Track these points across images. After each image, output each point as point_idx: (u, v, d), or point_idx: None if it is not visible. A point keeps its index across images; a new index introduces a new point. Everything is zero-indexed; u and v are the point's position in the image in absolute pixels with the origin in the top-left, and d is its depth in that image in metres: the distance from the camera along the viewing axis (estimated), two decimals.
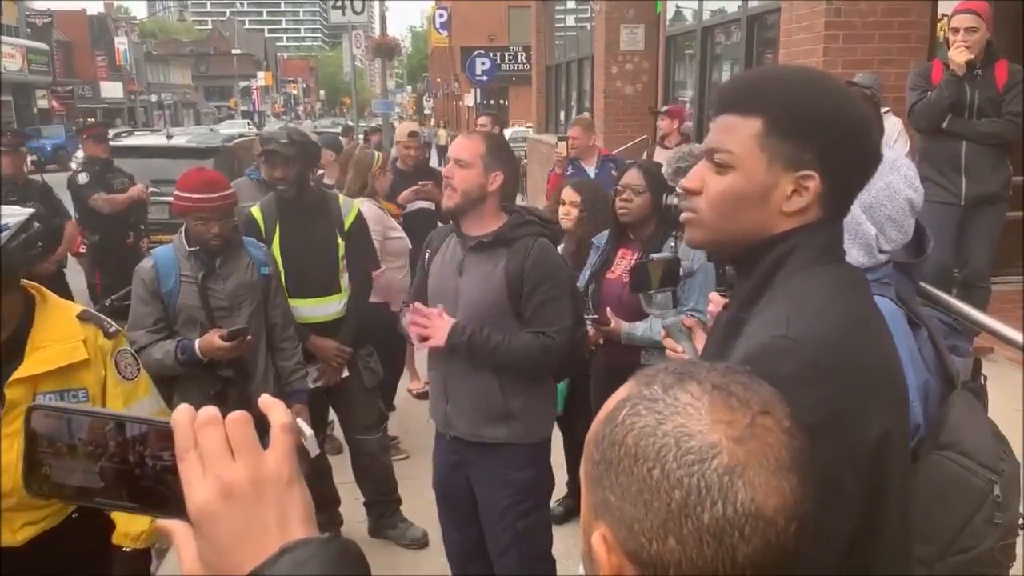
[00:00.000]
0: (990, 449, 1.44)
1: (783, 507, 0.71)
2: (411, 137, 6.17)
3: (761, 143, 1.17)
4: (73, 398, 2.11)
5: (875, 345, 1.16)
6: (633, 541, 0.72)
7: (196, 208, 3.10)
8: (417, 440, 4.91)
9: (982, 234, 4.79)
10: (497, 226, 2.73)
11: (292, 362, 3.39)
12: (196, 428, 0.70)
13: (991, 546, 1.40)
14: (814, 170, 1.16)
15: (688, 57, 10.54)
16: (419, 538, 3.94)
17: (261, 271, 3.27)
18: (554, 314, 2.70)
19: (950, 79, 4.54)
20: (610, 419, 0.77)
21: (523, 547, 2.83)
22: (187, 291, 3.11)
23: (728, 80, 1.30)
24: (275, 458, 0.71)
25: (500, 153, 2.76)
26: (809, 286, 1.16)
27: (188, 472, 0.70)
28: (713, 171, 1.21)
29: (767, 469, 0.72)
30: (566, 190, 4.01)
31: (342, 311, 3.79)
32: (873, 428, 1.08)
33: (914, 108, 4.74)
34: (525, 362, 2.71)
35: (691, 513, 0.70)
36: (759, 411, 0.74)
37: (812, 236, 1.19)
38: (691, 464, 0.71)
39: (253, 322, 3.19)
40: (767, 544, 0.70)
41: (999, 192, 4.75)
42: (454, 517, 3.00)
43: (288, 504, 0.70)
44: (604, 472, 0.75)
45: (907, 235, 1.60)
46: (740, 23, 8.49)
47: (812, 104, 1.18)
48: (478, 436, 2.79)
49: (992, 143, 4.63)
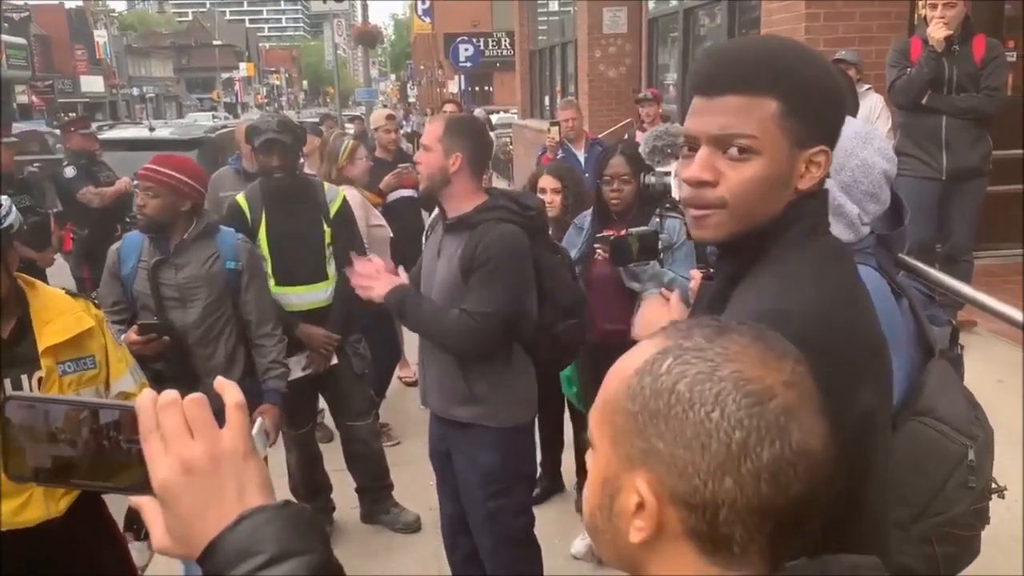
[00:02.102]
0: (964, 415, 1.47)
1: (824, 448, 0.76)
2: (388, 121, 6.15)
3: (780, 125, 1.10)
4: (84, 365, 2.26)
5: (863, 321, 1.16)
6: (685, 484, 0.75)
7: (138, 178, 3.10)
8: (408, 426, 4.94)
9: (963, 209, 4.83)
10: (470, 208, 2.71)
11: (267, 360, 3.28)
12: (158, 410, 0.77)
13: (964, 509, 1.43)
14: (825, 144, 1.14)
15: (671, 40, 10.54)
16: (411, 523, 3.96)
17: (226, 265, 3.17)
18: (484, 297, 2.62)
19: (929, 55, 4.56)
20: (648, 371, 0.79)
21: (494, 528, 2.85)
22: (141, 277, 3.10)
23: (719, 55, 1.16)
24: (231, 435, 0.78)
25: (459, 133, 2.72)
26: (802, 259, 1.15)
27: (151, 451, 0.77)
28: (729, 159, 1.12)
29: (812, 412, 0.76)
30: (544, 178, 3.92)
31: (330, 298, 3.80)
32: (858, 406, 1.08)
33: (894, 85, 4.76)
34: (443, 338, 2.70)
35: (751, 453, 0.73)
36: (795, 359, 0.79)
37: (807, 209, 1.17)
38: (751, 406, 0.74)
39: (209, 318, 3.12)
40: (813, 481, 0.75)
41: (979, 166, 4.78)
42: (444, 488, 3.05)
43: (245, 476, 0.77)
44: (649, 420, 0.77)
45: (884, 204, 1.61)
46: (722, 4, 8.49)
47: (820, 78, 1.14)
48: (448, 414, 2.82)
49: (971, 117, 4.66)
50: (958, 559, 1.47)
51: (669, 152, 5.21)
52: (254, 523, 0.73)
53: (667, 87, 10.44)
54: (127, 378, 2.41)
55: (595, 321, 3.47)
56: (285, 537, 0.72)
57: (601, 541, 0.84)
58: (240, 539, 0.72)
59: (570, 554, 3.63)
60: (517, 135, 15.92)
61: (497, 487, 2.80)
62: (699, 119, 1.15)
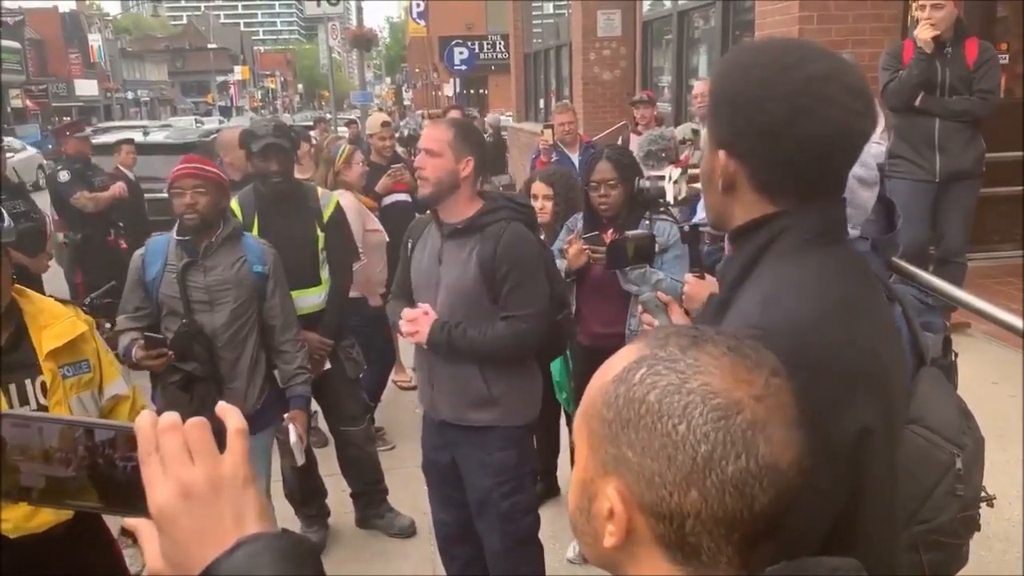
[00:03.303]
0: (954, 424, 1.46)
1: (795, 460, 0.77)
2: (384, 127, 6.14)
3: (710, 123, 1.24)
4: (80, 369, 2.27)
5: (858, 335, 1.11)
6: (652, 494, 0.76)
7: (172, 179, 3.07)
8: (403, 431, 4.93)
9: (957, 210, 4.85)
10: (473, 212, 2.74)
11: (293, 366, 3.29)
12: (158, 432, 0.76)
13: (952, 517, 1.42)
14: (724, 150, 1.21)
15: (666, 42, 10.55)
16: (406, 527, 3.96)
17: (254, 269, 3.18)
18: (525, 298, 2.71)
19: (919, 57, 4.58)
20: (624, 379, 0.79)
21: (508, 528, 2.86)
22: (168, 280, 3.09)
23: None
24: (231, 460, 0.77)
25: (469, 138, 2.76)
26: (790, 271, 1.13)
27: (150, 474, 0.76)
28: None
29: (783, 425, 0.76)
30: (536, 184, 3.91)
31: (323, 303, 3.79)
32: (850, 425, 1.04)
33: (887, 87, 4.77)
34: (502, 352, 2.73)
35: (716, 466, 0.74)
36: (771, 372, 0.79)
37: (801, 218, 1.16)
38: (717, 420, 0.74)
39: (237, 321, 3.14)
40: (779, 494, 0.75)
41: (973, 168, 4.79)
42: (442, 500, 3.03)
43: (244, 503, 0.76)
44: (620, 429, 0.78)
45: (864, 209, 1.60)
46: (716, 6, 8.50)
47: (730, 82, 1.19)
48: (463, 420, 2.81)
49: (964, 120, 4.67)
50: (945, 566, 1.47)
51: (663, 156, 5.22)
52: (251, 550, 0.72)
53: (662, 90, 10.46)
54: (119, 381, 2.42)
55: (588, 324, 3.48)
56: (282, 565, 0.71)
57: (583, 542, 0.86)
58: (236, 566, 0.71)
59: (565, 558, 3.62)
60: (512, 138, 15.92)
61: (511, 485, 2.84)
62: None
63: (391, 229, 4.87)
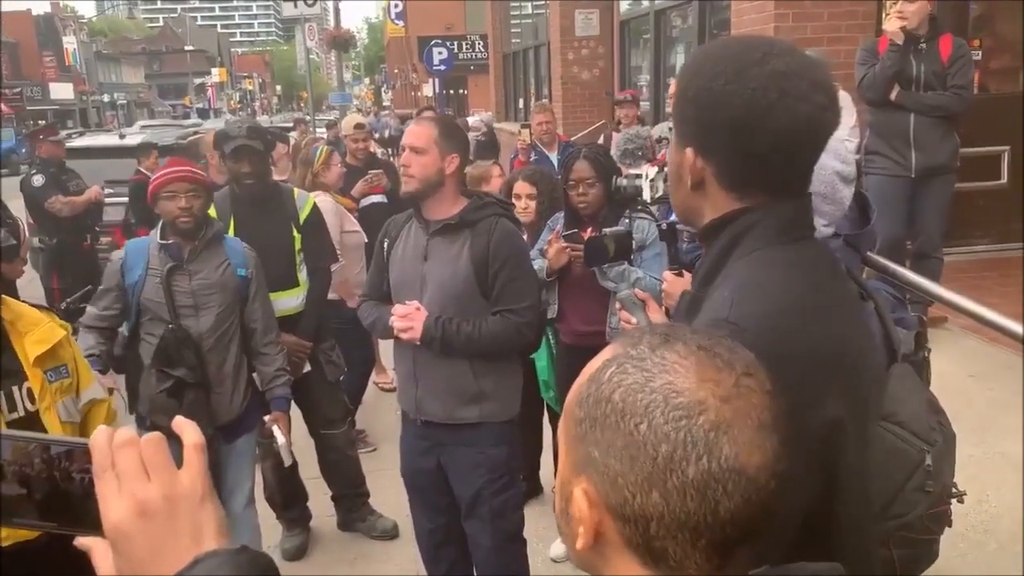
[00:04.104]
0: (924, 420, 1.47)
1: (765, 465, 0.74)
2: (357, 130, 6.14)
3: (676, 123, 1.25)
4: (60, 374, 2.25)
5: (827, 328, 1.12)
6: (616, 495, 0.74)
7: (162, 183, 3.04)
8: (384, 432, 4.91)
9: (933, 205, 4.89)
10: (458, 209, 2.74)
11: (273, 368, 3.28)
12: (113, 449, 0.74)
13: (922, 513, 1.43)
14: (692, 148, 1.20)
15: (643, 41, 10.59)
16: (389, 529, 3.94)
17: (238, 272, 3.17)
18: (521, 292, 2.73)
19: (891, 49, 4.64)
20: (595, 378, 0.78)
21: (498, 524, 2.86)
22: (151, 284, 3.05)
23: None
24: (188, 476, 0.75)
25: (453, 135, 2.78)
26: (759, 267, 1.13)
27: (104, 491, 0.73)
28: None
29: (751, 427, 0.74)
30: (519, 183, 3.90)
31: (301, 305, 3.76)
32: (821, 417, 1.04)
33: (862, 82, 4.82)
34: (497, 345, 2.74)
35: (676, 467, 0.72)
36: (743, 372, 0.76)
37: (769, 213, 1.16)
38: (678, 420, 0.72)
39: (222, 325, 3.11)
40: (748, 500, 0.72)
41: (948, 163, 4.84)
42: (424, 505, 3.01)
43: (202, 520, 0.74)
44: (589, 429, 0.77)
45: (842, 206, 1.61)
46: (693, 6, 8.54)
47: (693, 85, 1.19)
48: (452, 418, 2.80)
49: (939, 115, 4.72)
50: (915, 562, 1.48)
51: (640, 154, 5.23)
52: (209, 567, 0.70)
53: (640, 89, 10.49)
54: (95, 386, 2.40)
55: (570, 322, 3.48)
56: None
57: (566, 543, 0.84)
58: None
59: (549, 557, 3.62)
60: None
61: (503, 481, 2.85)
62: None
63: (368, 231, 4.85)
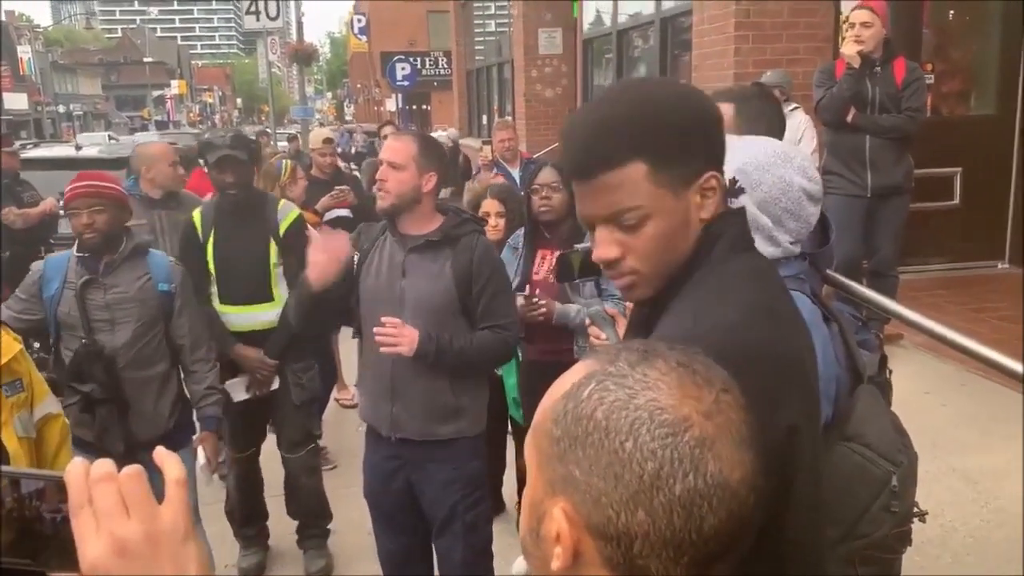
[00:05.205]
0: (891, 442, 1.50)
1: (745, 479, 0.74)
2: (326, 144, 6.12)
3: (656, 181, 1.13)
4: (15, 388, 2.19)
5: (785, 336, 1.15)
6: (599, 514, 0.73)
7: (69, 199, 2.98)
8: (347, 449, 4.86)
9: (888, 225, 5.00)
10: (436, 225, 2.74)
11: (202, 386, 3.20)
12: (90, 484, 0.71)
13: (887, 532, 1.45)
14: (710, 168, 1.16)
15: (606, 61, 10.69)
16: (318, 571, 3.79)
17: (159, 287, 3.09)
18: (505, 307, 2.78)
19: (848, 73, 4.75)
20: (573, 395, 0.77)
21: (470, 540, 2.85)
22: (67, 297, 2.99)
23: (578, 140, 1.17)
24: (170, 513, 0.72)
25: (433, 153, 2.77)
26: (718, 278, 1.15)
27: (81, 528, 0.70)
28: (625, 232, 1.16)
29: (732, 443, 0.74)
30: (488, 201, 3.91)
31: (274, 321, 3.64)
32: (781, 423, 1.06)
33: (820, 103, 4.93)
34: (488, 359, 2.78)
35: (663, 485, 0.71)
36: (721, 388, 0.77)
37: (723, 229, 1.18)
38: (664, 437, 0.72)
39: (140, 340, 3.03)
40: (731, 514, 0.73)
41: (902, 184, 4.96)
42: (389, 525, 2.97)
43: (184, 558, 0.71)
44: (568, 448, 0.75)
45: (809, 224, 1.62)
46: (654, 26, 8.65)
47: (675, 114, 1.15)
48: (429, 435, 2.77)
49: (893, 136, 4.84)
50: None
51: None
52: None
53: None
54: (50, 400, 2.35)
55: (536, 339, 3.48)
56: None
57: (532, 564, 0.83)
58: None
59: (511, 575, 3.60)
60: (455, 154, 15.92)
61: (477, 495, 2.86)
62: (585, 204, 1.19)
63: None
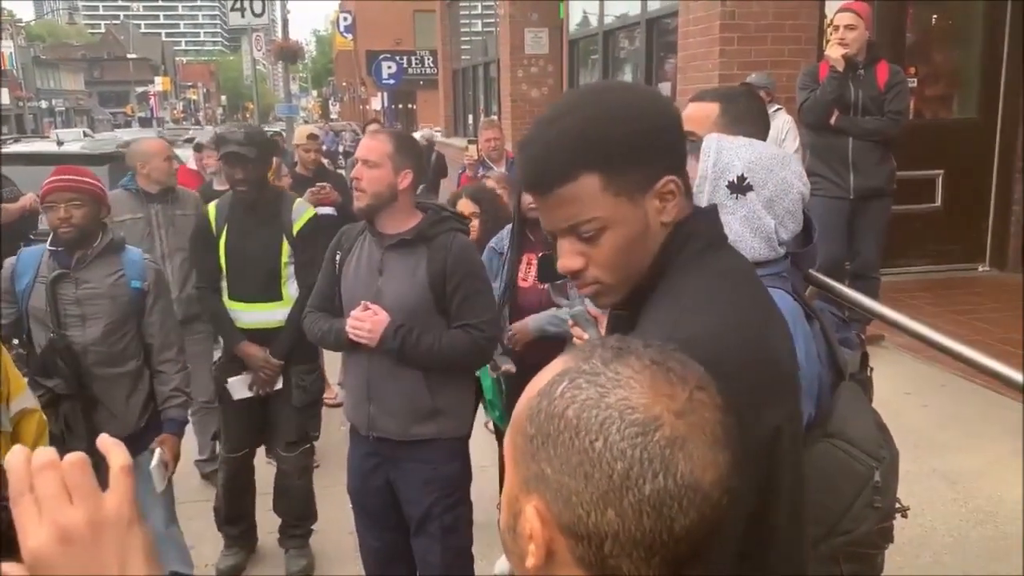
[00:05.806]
0: (873, 438, 1.51)
1: (718, 480, 0.73)
2: (310, 140, 6.11)
3: (610, 190, 1.13)
4: None
5: (766, 336, 1.15)
6: (569, 513, 0.72)
7: (46, 193, 2.95)
8: (330, 448, 4.83)
9: (870, 226, 5.04)
10: (413, 223, 2.72)
11: (168, 387, 3.15)
12: (32, 471, 0.69)
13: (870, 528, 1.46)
14: (667, 173, 1.15)
15: (592, 61, 10.71)
16: (298, 570, 3.76)
17: (132, 284, 3.05)
18: (480, 306, 2.72)
19: (832, 75, 4.78)
20: (547, 393, 0.76)
21: (449, 541, 2.83)
22: (38, 291, 2.97)
23: (531, 156, 1.17)
24: (115, 500, 0.71)
25: (408, 150, 2.75)
26: (696, 281, 1.15)
27: (23, 517, 0.68)
28: (585, 243, 1.16)
29: (705, 443, 0.73)
30: (463, 201, 3.88)
31: (282, 321, 3.60)
32: (764, 425, 1.06)
33: (803, 105, 4.96)
34: (457, 359, 2.71)
35: (632, 485, 0.70)
36: (695, 386, 0.76)
37: (694, 228, 1.18)
38: (634, 436, 0.71)
39: (111, 337, 2.99)
40: (702, 516, 0.72)
41: (884, 186, 5.00)
42: (371, 523, 2.96)
43: (129, 545, 0.70)
44: (540, 445, 0.75)
45: (800, 225, 1.67)
46: (640, 27, 8.67)
47: (625, 122, 1.14)
48: (408, 435, 2.76)
49: (876, 139, 4.87)
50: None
51: None
52: None
53: None
54: (27, 394, 2.32)
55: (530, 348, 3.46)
56: None
57: (512, 561, 0.82)
58: None
59: (493, 574, 3.60)
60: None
61: (456, 496, 2.83)
62: (544, 217, 1.20)
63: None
